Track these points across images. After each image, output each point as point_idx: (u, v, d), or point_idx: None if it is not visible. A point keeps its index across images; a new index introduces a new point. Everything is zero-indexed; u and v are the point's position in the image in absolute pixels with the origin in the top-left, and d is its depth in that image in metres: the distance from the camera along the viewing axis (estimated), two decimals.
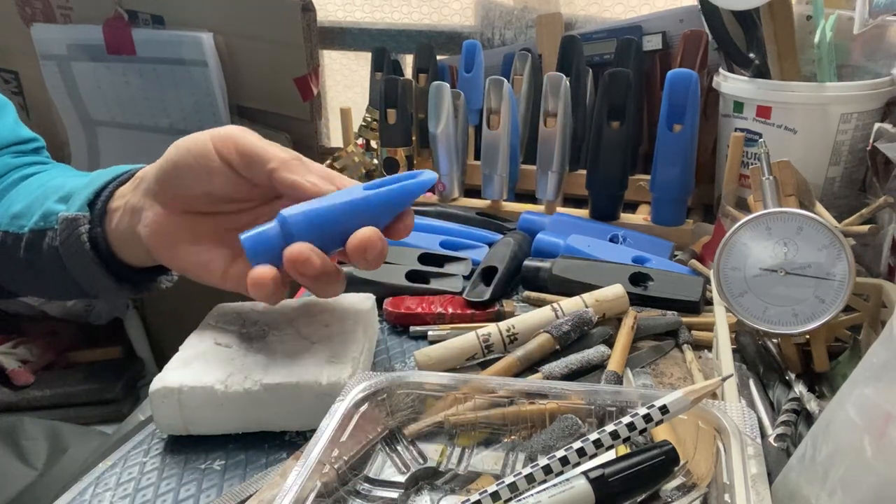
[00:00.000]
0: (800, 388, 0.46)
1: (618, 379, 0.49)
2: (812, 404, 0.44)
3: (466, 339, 0.53)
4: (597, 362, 0.51)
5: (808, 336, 0.48)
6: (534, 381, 0.45)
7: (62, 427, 1.00)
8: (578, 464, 0.35)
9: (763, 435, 0.43)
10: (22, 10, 1.18)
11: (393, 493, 0.40)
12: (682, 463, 0.37)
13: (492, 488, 0.34)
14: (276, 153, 0.46)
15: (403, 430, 0.43)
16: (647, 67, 0.88)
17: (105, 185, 0.52)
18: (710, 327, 0.56)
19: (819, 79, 0.68)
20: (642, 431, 0.35)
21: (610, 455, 0.36)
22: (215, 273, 0.49)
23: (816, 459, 0.33)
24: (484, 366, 0.53)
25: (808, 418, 0.45)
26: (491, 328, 0.54)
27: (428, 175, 0.47)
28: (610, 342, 0.54)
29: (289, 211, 0.45)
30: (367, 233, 0.44)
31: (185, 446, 0.47)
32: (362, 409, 0.41)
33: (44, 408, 1.26)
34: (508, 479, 0.34)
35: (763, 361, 0.50)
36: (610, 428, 0.35)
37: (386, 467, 0.41)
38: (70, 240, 0.50)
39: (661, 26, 0.89)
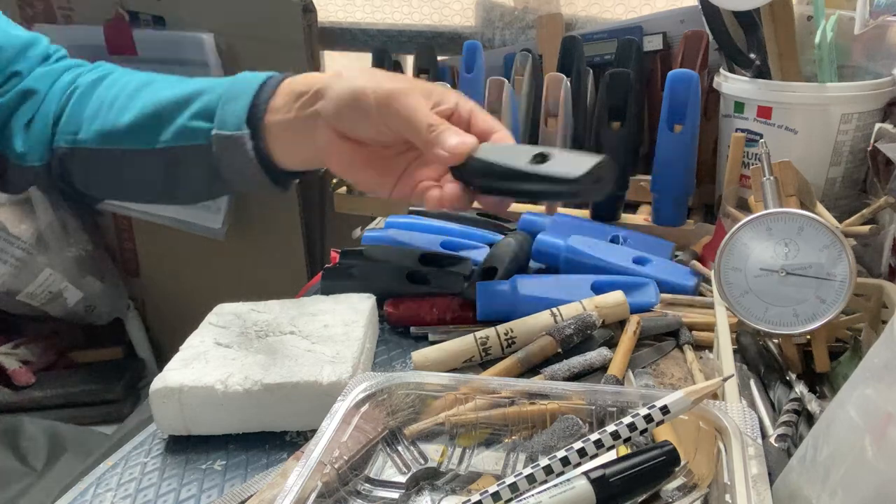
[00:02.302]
0: (801, 389, 0.46)
1: (618, 383, 0.49)
2: (813, 405, 0.44)
3: (464, 341, 0.53)
4: (598, 366, 0.51)
5: (808, 336, 0.48)
6: (535, 382, 0.45)
7: (61, 427, 1.01)
8: (579, 464, 0.35)
9: (764, 435, 0.43)
10: (23, 11, 1.18)
11: (394, 494, 0.40)
12: (682, 463, 0.36)
13: (493, 488, 0.34)
14: (420, 129, 0.49)
15: (404, 430, 0.43)
16: (648, 68, 0.88)
17: (253, 100, 0.55)
18: (710, 328, 0.56)
19: (820, 79, 0.68)
20: (643, 432, 0.35)
21: (611, 455, 0.36)
22: (384, 192, 0.55)
23: (817, 460, 0.33)
24: (484, 367, 0.53)
25: (809, 419, 0.45)
26: (489, 332, 0.54)
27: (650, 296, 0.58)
28: (611, 343, 0.54)
29: (525, 290, 0.58)
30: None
31: (186, 447, 0.47)
32: (363, 409, 0.41)
33: (45, 408, 1.25)
34: (509, 480, 0.34)
35: (764, 362, 0.50)
36: (611, 428, 0.35)
37: (386, 467, 0.41)
38: (233, 156, 0.55)
39: (662, 27, 0.89)
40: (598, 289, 0.59)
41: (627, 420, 0.35)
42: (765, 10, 0.67)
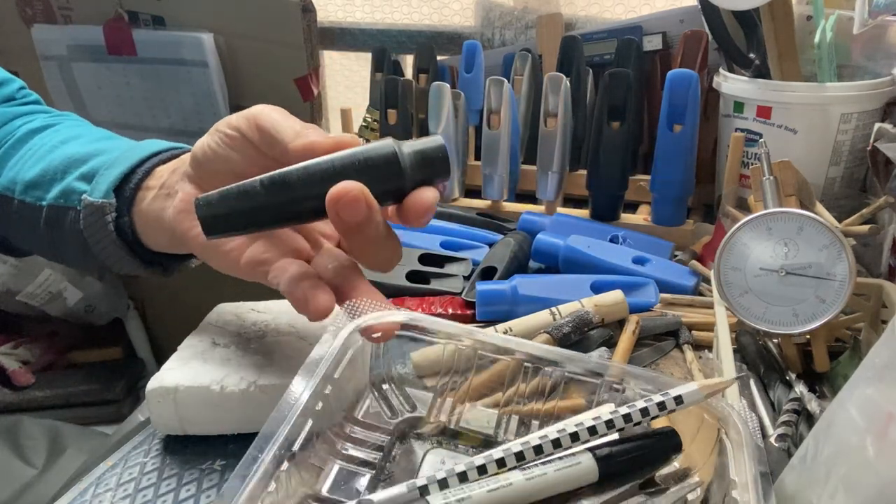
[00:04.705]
0: (800, 389, 0.46)
1: (617, 383, 0.49)
2: (813, 404, 0.44)
3: None
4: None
5: (808, 336, 0.48)
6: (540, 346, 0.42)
7: (61, 426, 1.01)
8: (587, 441, 0.35)
9: (764, 435, 0.43)
10: (22, 11, 1.18)
11: (381, 438, 0.39)
12: (684, 450, 0.37)
13: (497, 453, 0.33)
14: (292, 126, 0.43)
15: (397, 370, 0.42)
16: (648, 68, 0.88)
17: (134, 168, 0.50)
18: (710, 327, 0.56)
19: (819, 79, 0.68)
20: (654, 418, 0.35)
21: (613, 434, 0.36)
22: (233, 260, 0.46)
23: (818, 460, 0.33)
24: None
25: (809, 418, 0.45)
26: (488, 331, 0.53)
27: (649, 296, 0.58)
28: (610, 343, 0.54)
29: (524, 290, 0.57)
30: (345, 183, 0.39)
31: (185, 447, 0.47)
32: (352, 350, 0.39)
33: (44, 408, 1.25)
34: (515, 447, 0.34)
35: (764, 361, 0.50)
36: (623, 410, 0.35)
37: (372, 410, 0.41)
38: (95, 226, 0.50)
39: (662, 26, 0.89)
40: (597, 289, 0.59)
41: (641, 405, 0.35)
42: (764, 9, 0.67)
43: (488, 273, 0.63)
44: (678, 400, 0.35)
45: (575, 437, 0.34)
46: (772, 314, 0.46)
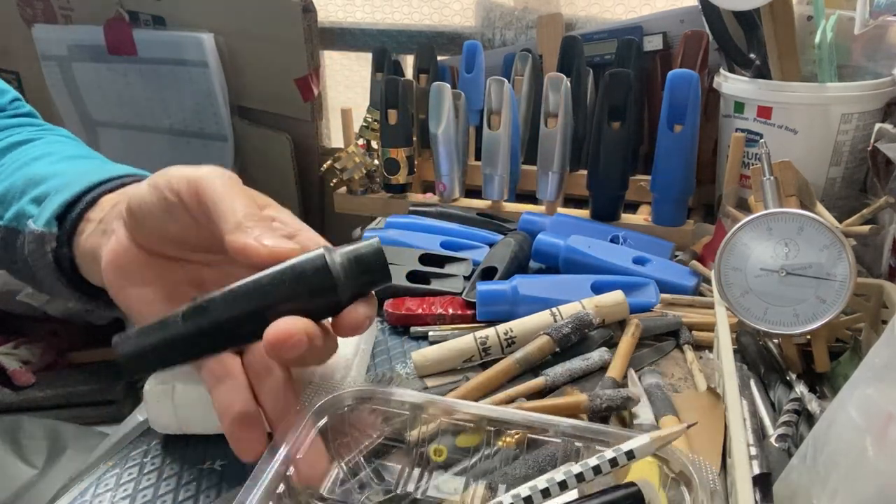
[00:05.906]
0: (801, 389, 0.46)
1: (616, 385, 0.49)
2: (813, 404, 0.44)
3: (464, 341, 0.53)
4: (598, 367, 0.51)
5: (809, 336, 0.48)
6: (498, 408, 0.41)
7: (61, 426, 1.01)
8: None
9: (764, 435, 0.43)
10: (23, 11, 1.18)
11: None
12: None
13: None
14: (235, 210, 0.38)
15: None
16: (648, 68, 0.88)
17: (80, 195, 0.46)
18: (710, 328, 0.56)
19: (820, 79, 0.68)
20: (607, 475, 0.35)
21: (573, 493, 0.35)
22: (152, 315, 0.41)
23: (818, 460, 0.33)
24: (484, 367, 0.53)
25: (810, 418, 0.45)
26: (489, 331, 0.54)
27: (650, 296, 0.58)
28: (610, 343, 0.54)
29: (525, 290, 0.57)
30: (286, 324, 0.34)
31: (185, 447, 0.47)
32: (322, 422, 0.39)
33: (45, 408, 1.25)
34: None
35: (764, 362, 0.50)
36: (576, 469, 0.35)
37: (339, 485, 0.39)
38: (36, 254, 0.46)
39: (662, 27, 0.89)
40: (597, 289, 0.59)
41: (593, 462, 0.35)
42: (765, 10, 0.67)
43: (489, 273, 0.63)
44: (629, 455, 0.35)
45: (529, 500, 0.34)
46: (772, 314, 0.46)
